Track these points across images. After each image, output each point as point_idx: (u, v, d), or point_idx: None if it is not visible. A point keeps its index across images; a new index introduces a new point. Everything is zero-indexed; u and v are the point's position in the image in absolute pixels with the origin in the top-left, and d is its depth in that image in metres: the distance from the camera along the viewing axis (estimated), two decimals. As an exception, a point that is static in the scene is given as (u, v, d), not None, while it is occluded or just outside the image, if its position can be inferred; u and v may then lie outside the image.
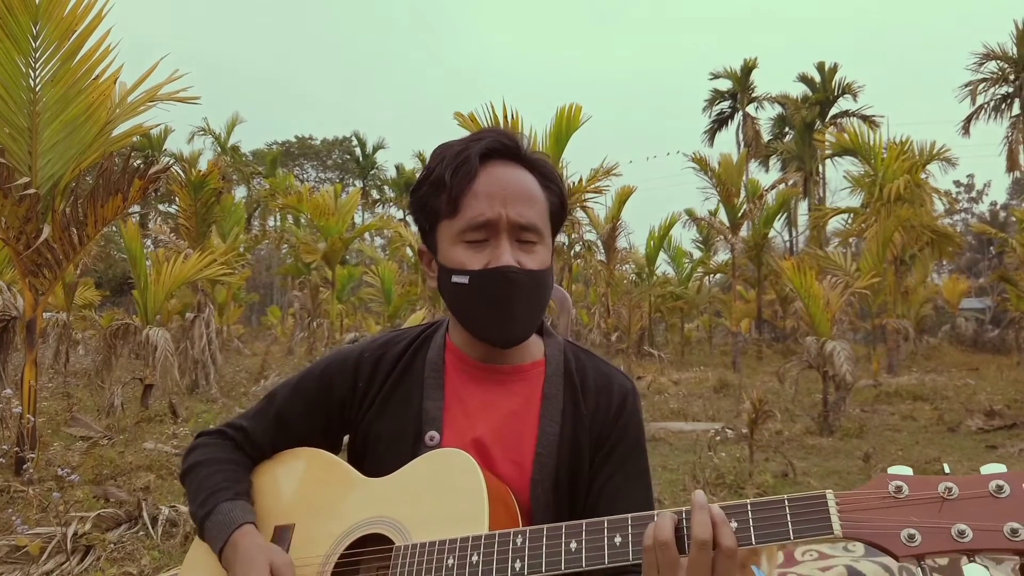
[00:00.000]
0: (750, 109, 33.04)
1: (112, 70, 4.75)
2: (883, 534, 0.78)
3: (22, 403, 4.57)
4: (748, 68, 32.10)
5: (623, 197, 17.28)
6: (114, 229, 13.19)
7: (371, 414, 1.18)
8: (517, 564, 0.92)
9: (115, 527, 3.61)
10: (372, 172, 44.80)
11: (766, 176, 32.40)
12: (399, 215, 40.73)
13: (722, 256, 22.62)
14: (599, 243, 19.16)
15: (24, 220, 4.46)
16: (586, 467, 1.14)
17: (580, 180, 12.27)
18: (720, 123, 33.78)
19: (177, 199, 12.01)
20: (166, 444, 6.01)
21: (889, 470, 0.83)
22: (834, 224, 19.02)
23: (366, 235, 26.89)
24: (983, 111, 25.44)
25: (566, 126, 10.05)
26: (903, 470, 0.82)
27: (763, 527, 0.84)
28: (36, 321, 4.73)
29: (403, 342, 1.23)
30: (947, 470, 0.81)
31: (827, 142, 17.68)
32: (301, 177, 47.65)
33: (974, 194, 52.31)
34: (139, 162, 5.88)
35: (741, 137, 32.74)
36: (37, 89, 4.56)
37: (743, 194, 18.06)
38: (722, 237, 18.81)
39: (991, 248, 38.68)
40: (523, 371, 1.18)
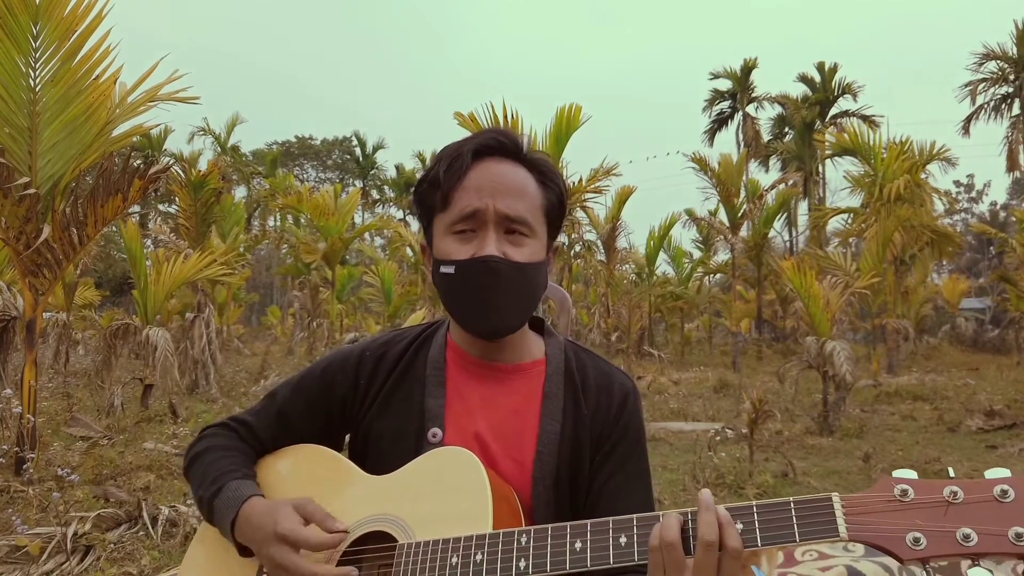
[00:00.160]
0: (750, 109, 33.05)
1: (112, 70, 4.76)
2: (888, 537, 0.79)
3: (22, 403, 4.57)
4: (748, 68, 32.10)
5: (623, 197, 17.29)
6: (114, 229, 13.19)
7: (373, 412, 1.18)
8: (522, 563, 0.92)
9: (115, 527, 3.61)
10: (372, 172, 44.82)
11: (766, 176, 32.45)
12: (399, 215, 40.77)
13: (722, 256, 22.66)
14: (599, 243, 19.19)
15: (24, 220, 4.46)
16: (587, 466, 1.14)
17: (580, 180, 12.27)
18: (720, 123, 33.78)
19: (177, 199, 12.02)
20: (166, 444, 6.01)
21: (894, 473, 0.83)
22: (834, 224, 19.06)
23: (366, 235, 26.91)
24: (983, 111, 25.45)
25: (566, 126, 10.05)
26: (908, 474, 0.82)
27: (769, 529, 0.84)
28: (36, 321, 4.73)
29: (405, 340, 1.24)
30: (952, 474, 0.82)
31: (827, 142, 17.69)
32: (301, 177, 47.67)
33: (974, 194, 52.37)
34: (139, 162, 5.89)
35: (741, 137, 32.74)
36: (37, 89, 4.56)
37: (743, 194, 18.08)
38: (722, 237, 18.82)
39: (991, 248, 38.69)
40: (524, 369, 1.19)
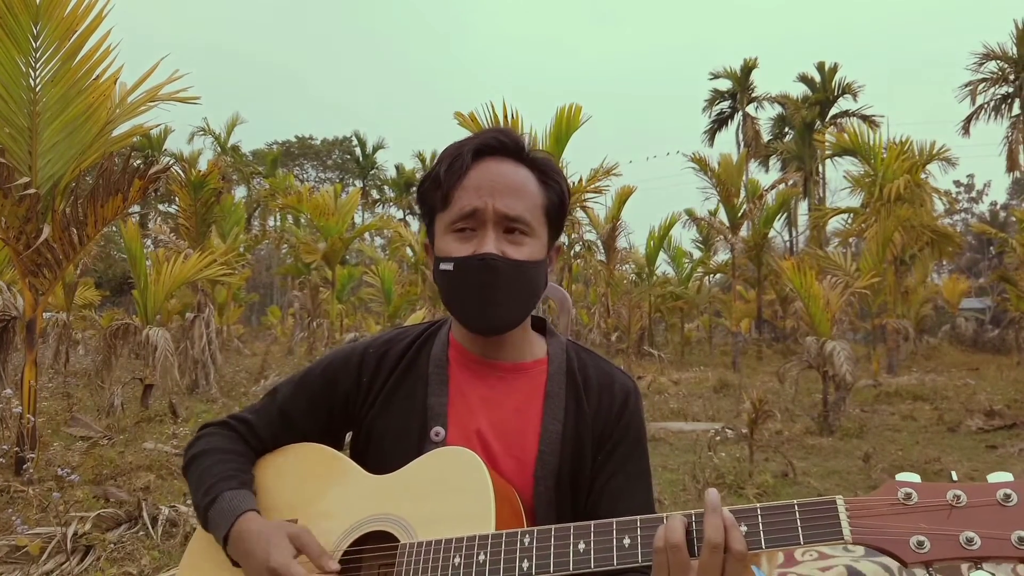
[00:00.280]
0: (750, 109, 33.07)
1: (112, 70, 4.76)
2: (892, 540, 0.79)
3: (22, 403, 4.57)
4: (748, 68, 32.11)
5: (623, 197, 17.29)
6: (114, 229, 13.19)
7: (375, 410, 1.18)
8: (525, 564, 0.92)
9: (115, 527, 3.61)
10: (372, 172, 44.82)
11: (766, 176, 32.46)
12: (399, 215, 40.76)
13: (722, 256, 22.66)
14: (599, 243, 19.19)
15: (24, 220, 4.46)
16: (588, 465, 1.14)
17: (580, 180, 12.27)
18: (720, 123, 33.79)
19: (177, 199, 12.02)
20: (166, 444, 6.01)
21: (897, 477, 0.83)
22: (834, 224, 19.05)
23: (366, 235, 26.91)
24: (983, 111, 25.45)
25: (566, 126, 10.04)
26: (911, 477, 0.83)
27: (773, 531, 0.84)
28: (36, 321, 4.73)
29: (407, 339, 1.24)
30: (954, 477, 0.82)
31: (827, 142, 17.67)
32: (301, 177, 47.67)
33: (974, 194, 52.37)
34: (139, 162, 5.89)
35: (741, 137, 32.76)
36: (37, 89, 4.56)
37: (743, 194, 18.08)
38: (722, 237, 18.82)
39: (991, 248, 38.68)
40: (526, 368, 1.19)
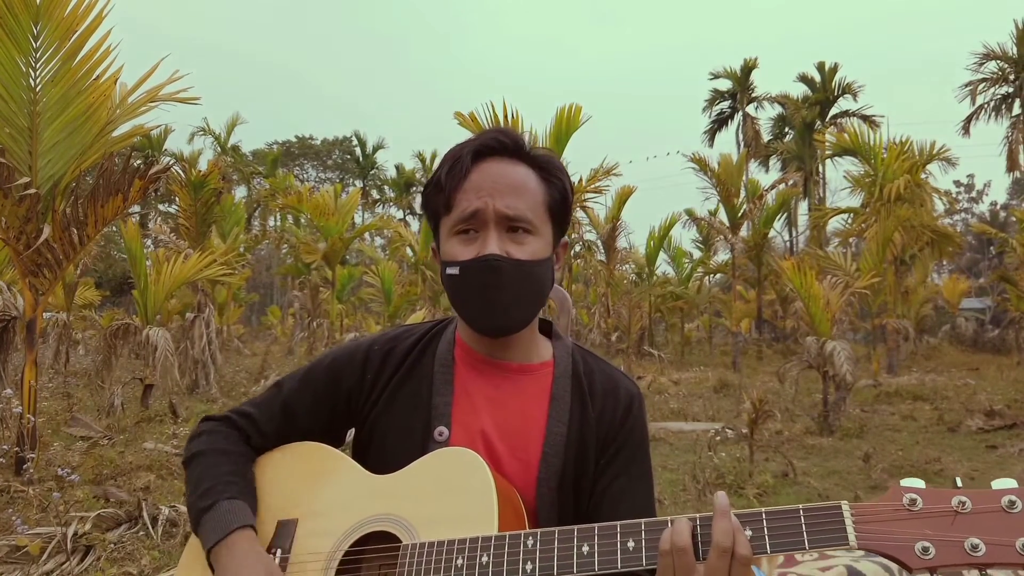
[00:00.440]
0: (750, 109, 33.08)
1: (112, 70, 4.76)
2: (897, 546, 0.79)
3: (22, 403, 4.57)
4: (748, 68, 32.11)
5: (623, 197, 17.29)
6: (114, 229, 13.20)
7: (379, 407, 1.18)
8: (528, 566, 0.92)
9: (115, 527, 3.61)
10: (372, 172, 44.81)
11: (766, 176, 32.47)
12: (399, 215, 40.77)
13: (722, 256, 22.65)
14: (599, 243, 19.19)
15: (24, 220, 4.46)
16: (591, 469, 1.15)
17: (580, 180, 12.27)
18: (720, 123, 33.79)
19: (177, 199, 12.02)
20: (166, 444, 6.01)
21: (902, 482, 0.84)
22: (834, 224, 19.04)
23: (366, 235, 26.90)
24: (983, 111, 25.45)
25: (566, 126, 10.04)
26: (916, 483, 0.83)
27: (778, 536, 0.85)
28: (36, 321, 4.73)
29: (413, 337, 1.24)
30: (959, 483, 0.82)
31: (827, 142, 17.65)
32: (301, 177, 47.68)
33: (974, 194, 52.36)
34: (139, 162, 5.89)
35: (741, 137, 32.76)
36: (37, 89, 4.56)
37: (743, 194, 18.07)
38: (722, 237, 18.82)
39: (991, 248, 38.68)
40: (531, 370, 1.19)
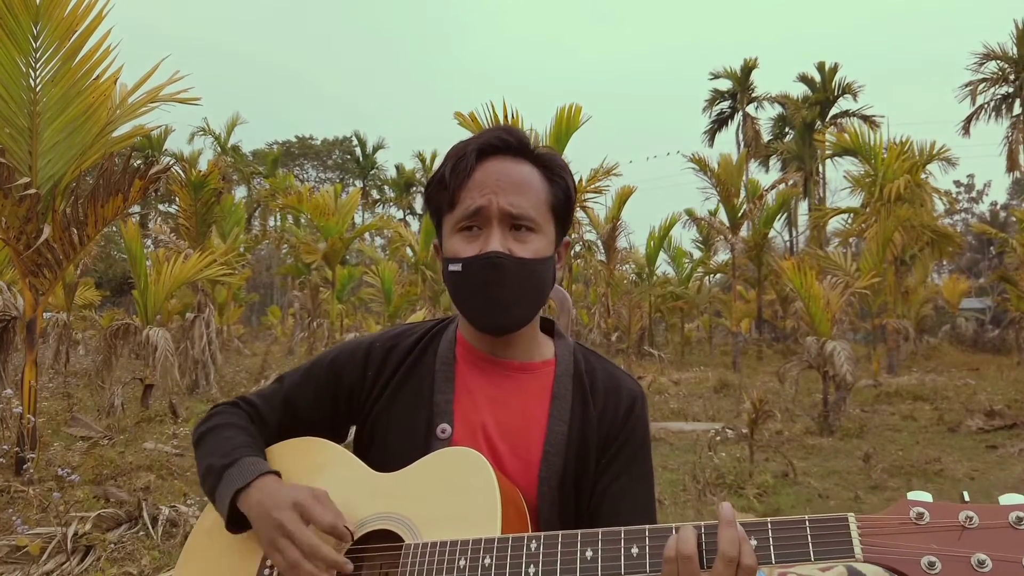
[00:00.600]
0: (750, 109, 33.09)
1: (112, 70, 4.75)
2: (903, 560, 0.79)
3: (22, 403, 4.57)
4: (748, 68, 32.12)
5: (623, 197, 17.30)
6: (114, 229, 13.20)
7: (380, 405, 1.19)
8: (531, 569, 0.92)
9: (115, 527, 3.61)
10: (372, 172, 44.83)
11: (766, 176, 32.47)
12: (399, 215, 40.78)
13: (722, 256, 22.66)
14: (599, 243, 19.19)
15: (24, 220, 4.46)
16: (592, 467, 1.15)
17: (580, 180, 12.28)
18: (720, 123, 33.80)
19: (177, 199, 12.02)
20: (166, 444, 6.01)
21: (909, 495, 0.83)
22: (834, 224, 19.05)
23: (366, 235, 26.91)
24: (983, 111, 25.45)
25: (566, 126, 10.05)
26: (924, 496, 0.83)
27: (783, 546, 0.85)
28: (36, 321, 4.73)
29: (415, 335, 1.24)
30: (967, 498, 0.82)
31: (827, 142, 17.66)
32: (301, 177, 47.68)
33: (974, 194, 52.38)
34: (139, 162, 5.89)
35: (741, 137, 32.77)
36: (37, 89, 4.56)
37: (743, 194, 18.08)
38: (722, 237, 18.82)
39: (991, 248, 38.69)
40: (533, 369, 1.19)
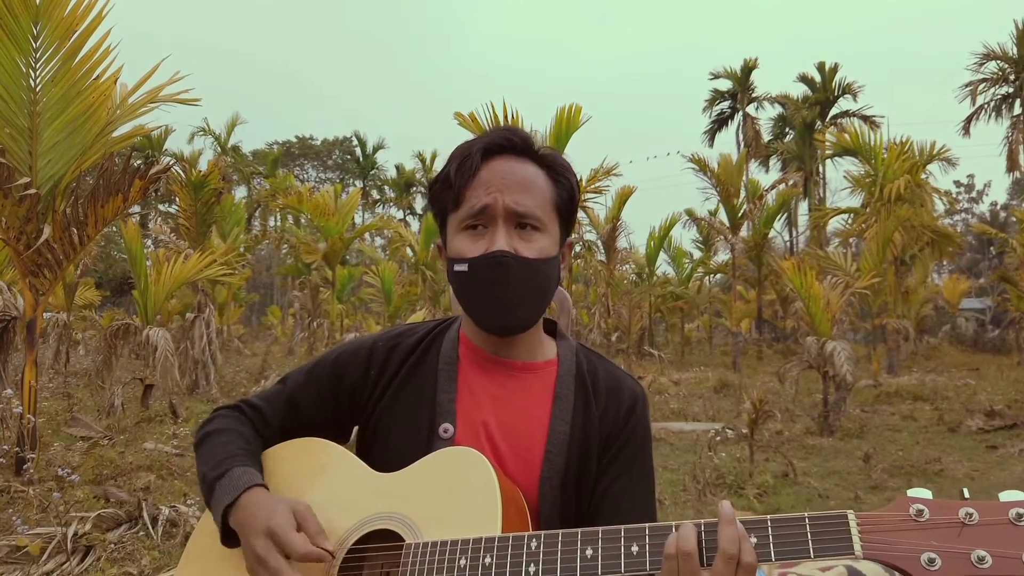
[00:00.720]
0: (750, 109, 33.09)
1: (112, 70, 4.75)
2: (903, 557, 0.79)
3: (22, 403, 4.57)
4: (748, 68, 32.12)
5: (623, 197, 17.29)
6: (114, 229, 13.20)
7: (383, 404, 1.19)
8: (531, 568, 0.91)
9: (115, 527, 3.61)
10: (372, 172, 44.84)
11: (766, 176, 32.47)
12: (399, 215, 40.78)
13: (722, 256, 22.66)
14: (599, 243, 19.18)
15: (24, 220, 4.46)
16: (593, 467, 1.15)
17: (580, 180, 12.24)
18: (720, 123, 33.80)
19: (177, 199, 12.01)
20: (166, 444, 6.01)
21: (909, 492, 0.84)
22: (834, 224, 19.04)
23: (366, 235, 26.91)
24: (983, 111, 25.44)
25: (566, 126, 10.05)
26: (923, 493, 0.83)
27: (783, 544, 0.85)
28: (36, 321, 4.73)
29: (418, 334, 1.24)
30: (966, 494, 0.82)
31: (827, 142, 17.65)
32: (301, 177, 47.69)
33: (974, 194, 52.41)
34: (139, 162, 5.89)
35: (741, 137, 32.77)
36: (37, 89, 4.56)
37: (743, 194, 18.08)
38: (722, 237, 18.82)
39: (991, 248, 38.69)
40: (535, 369, 1.20)
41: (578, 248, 20.12)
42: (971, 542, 0.78)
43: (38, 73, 4.55)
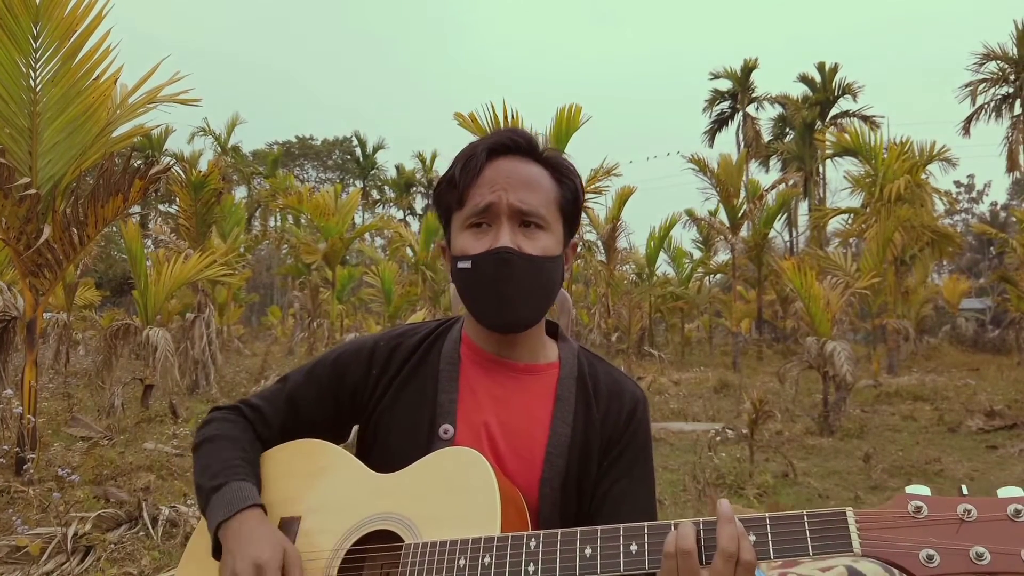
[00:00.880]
0: (750, 109, 33.09)
1: (112, 70, 4.75)
2: (902, 554, 0.79)
3: (22, 403, 4.57)
4: (748, 68, 32.11)
5: (623, 197, 17.29)
6: (114, 229, 13.20)
7: (383, 404, 1.19)
8: (531, 568, 0.92)
9: (115, 527, 3.61)
10: (372, 172, 44.83)
11: (766, 176, 32.48)
12: (399, 215, 40.78)
13: (722, 256, 22.66)
14: (599, 243, 19.17)
15: (24, 220, 4.46)
16: (594, 469, 1.15)
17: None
18: (720, 123, 33.80)
19: (177, 199, 12.00)
20: (166, 444, 6.01)
21: (907, 489, 0.83)
22: (834, 224, 19.03)
23: (366, 235, 26.91)
24: (983, 111, 25.43)
25: (566, 126, 10.05)
26: (922, 490, 0.83)
27: (782, 542, 0.84)
28: (36, 321, 4.72)
29: (419, 334, 1.24)
30: (965, 491, 0.82)
31: (827, 142, 17.65)
32: (301, 177, 47.67)
33: (974, 194, 52.41)
34: (139, 162, 5.89)
35: (741, 137, 32.77)
36: (37, 89, 4.56)
37: (743, 194, 18.08)
38: (722, 237, 18.82)
39: (991, 248, 38.69)
40: (537, 370, 1.20)
41: (578, 248, 20.13)
42: (970, 538, 0.78)
43: (38, 73, 4.55)
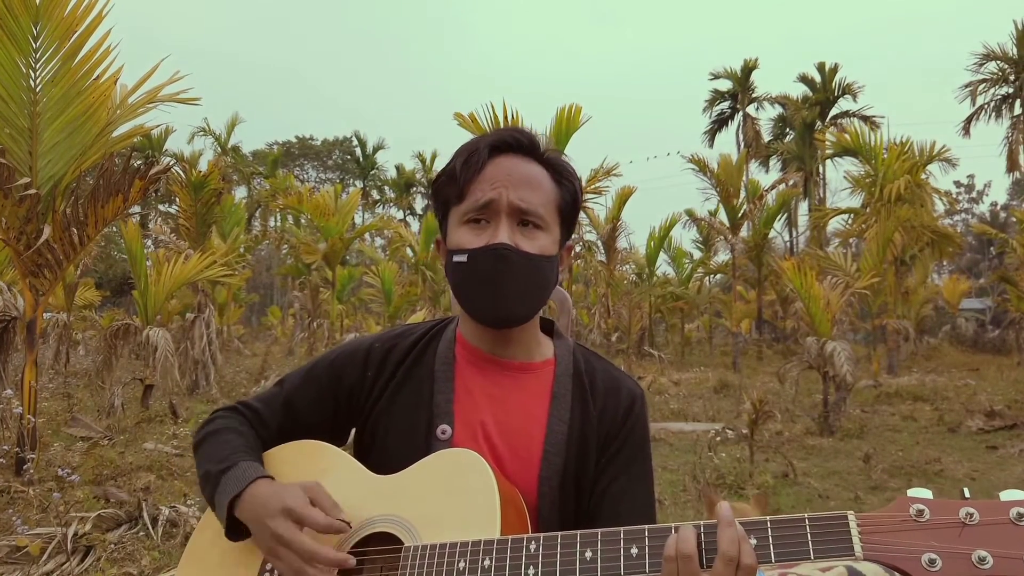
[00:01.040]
0: (750, 109, 33.09)
1: (112, 70, 4.76)
2: (904, 558, 0.79)
3: (22, 403, 4.57)
4: (748, 68, 32.12)
5: (623, 197, 17.30)
6: (114, 229, 13.21)
7: (380, 406, 1.19)
8: (531, 571, 0.91)
9: (115, 527, 3.61)
10: (372, 172, 44.83)
11: (766, 176, 32.48)
12: (399, 215, 40.78)
13: (722, 256, 22.67)
14: (599, 243, 19.18)
15: (25, 220, 4.46)
16: (592, 467, 1.15)
17: (580, 181, 12.27)
18: (720, 123, 33.80)
19: (177, 199, 12.01)
20: (166, 444, 6.01)
21: (909, 492, 0.83)
22: (834, 224, 19.04)
23: (366, 235, 26.93)
24: (983, 111, 25.44)
25: (566, 126, 10.06)
26: (923, 493, 0.82)
27: (783, 545, 0.84)
28: (36, 321, 4.73)
29: (415, 335, 1.24)
30: (967, 494, 0.81)
31: (827, 142, 17.66)
32: (301, 177, 47.67)
33: (974, 194, 52.44)
34: (139, 162, 5.89)
35: (741, 137, 32.77)
36: (37, 89, 4.56)
37: (743, 194, 18.09)
38: (722, 237, 18.82)
39: (991, 248, 38.70)
40: (533, 368, 1.19)
41: (578, 248, 20.14)
42: (972, 542, 0.77)
43: (38, 73, 4.56)
